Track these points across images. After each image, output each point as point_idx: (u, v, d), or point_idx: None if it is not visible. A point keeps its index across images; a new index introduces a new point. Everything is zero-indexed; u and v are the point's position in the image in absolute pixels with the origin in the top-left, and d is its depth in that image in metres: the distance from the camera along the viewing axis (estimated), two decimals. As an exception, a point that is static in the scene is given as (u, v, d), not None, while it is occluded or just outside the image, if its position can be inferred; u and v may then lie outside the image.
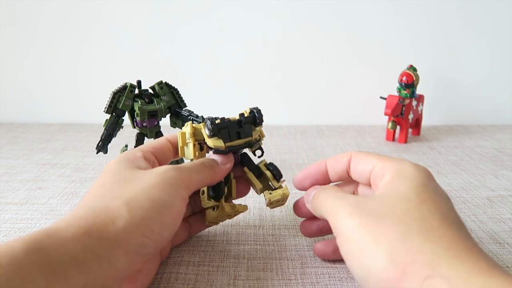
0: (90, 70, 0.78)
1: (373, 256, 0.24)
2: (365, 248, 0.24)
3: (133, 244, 0.25)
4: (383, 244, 0.23)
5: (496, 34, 0.76)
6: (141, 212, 0.26)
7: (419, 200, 0.25)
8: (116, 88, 0.45)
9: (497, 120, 0.81)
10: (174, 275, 0.33)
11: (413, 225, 0.24)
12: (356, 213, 0.26)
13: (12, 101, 0.81)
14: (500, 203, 0.46)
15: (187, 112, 0.46)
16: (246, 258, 0.35)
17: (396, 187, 0.27)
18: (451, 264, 0.22)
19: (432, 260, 0.22)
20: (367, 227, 0.25)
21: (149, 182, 0.28)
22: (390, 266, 0.23)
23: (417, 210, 0.25)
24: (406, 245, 0.23)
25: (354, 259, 0.25)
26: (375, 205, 0.26)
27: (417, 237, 0.23)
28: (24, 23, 0.76)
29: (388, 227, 0.24)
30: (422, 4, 0.74)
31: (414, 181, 0.27)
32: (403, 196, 0.26)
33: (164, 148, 0.35)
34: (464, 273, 0.21)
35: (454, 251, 0.22)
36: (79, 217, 0.25)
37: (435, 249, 0.23)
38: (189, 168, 0.31)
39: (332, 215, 0.27)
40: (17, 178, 0.53)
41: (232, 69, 0.78)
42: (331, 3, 0.74)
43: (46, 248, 0.22)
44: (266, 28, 0.76)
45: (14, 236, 0.39)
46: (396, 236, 0.24)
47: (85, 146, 0.66)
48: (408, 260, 0.22)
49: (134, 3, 0.74)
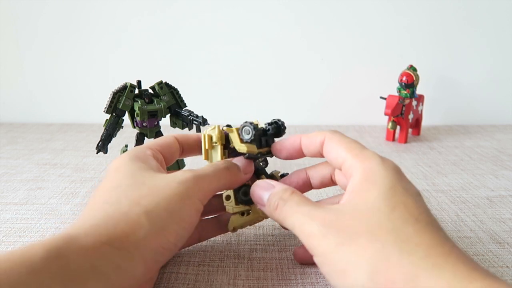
0: (90, 70, 0.78)
1: (355, 279, 0.23)
2: (346, 270, 0.24)
3: (151, 254, 0.25)
4: (363, 264, 0.23)
5: (496, 34, 0.76)
6: (160, 222, 0.26)
7: (389, 208, 0.25)
8: (116, 88, 0.45)
9: (497, 120, 0.81)
10: (174, 275, 0.33)
11: (388, 239, 0.24)
12: (330, 233, 0.25)
13: (12, 101, 0.81)
14: (500, 203, 0.46)
15: (187, 112, 0.46)
16: (246, 258, 0.35)
17: (364, 196, 0.26)
18: (431, 274, 0.22)
19: (411, 274, 0.22)
20: (343, 247, 0.24)
21: (169, 191, 0.27)
22: (373, 287, 0.23)
23: (390, 221, 0.24)
24: (384, 263, 0.23)
25: (336, 279, 0.25)
26: (347, 221, 0.25)
27: (394, 252, 0.23)
28: (24, 23, 0.76)
29: (364, 246, 0.24)
30: (422, 4, 0.74)
31: (382, 186, 0.26)
32: (372, 207, 0.25)
33: (171, 147, 0.34)
34: (444, 282, 0.21)
35: (433, 259, 0.22)
36: (98, 224, 0.25)
37: (413, 261, 0.22)
38: (210, 175, 0.30)
39: (305, 234, 0.26)
40: (17, 178, 0.53)
41: (232, 69, 0.78)
42: (331, 3, 0.74)
43: (66, 256, 0.22)
44: (266, 28, 0.76)
45: (14, 236, 0.39)
46: (373, 254, 0.23)
47: (85, 146, 0.66)
48: (389, 278, 0.22)
49: (134, 3, 0.74)
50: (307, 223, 0.26)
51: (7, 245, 0.37)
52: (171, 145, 0.34)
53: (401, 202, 0.25)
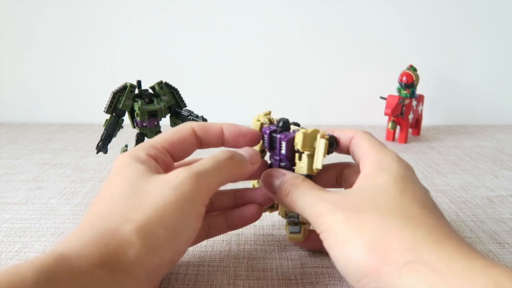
0: (90, 70, 0.78)
1: (354, 247, 0.24)
2: (347, 241, 0.24)
3: (145, 273, 0.24)
4: (365, 235, 0.24)
5: (496, 34, 0.76)
6: (153, 240, 0.24)
7: (399, 191, 0.26)
8: (116, 88, 0.45)
9: (497, 120, 0.81)
10: (174, 276, 0.33)
11: (393, 215, 0.24)
12: (338, 209, 0.26)
13: (12, 101, 0.81)
14: (500, 203, 0.46)
15: (187, 112, 0.46)
16: (246, 258, 0.35)
17: (374, 181, 0.27)
18: (432, 248, 0.22)
19: (412, 246, 0.22)
20: (349, 221, 0.25)
21: (162, 202, 0.25)
22: (370, 254, 0.23)
23: (397, 201, 0.25)
24: (386, 234, 0.23)
25: (336, 251, 0.25)
26: (355, 200, 0.26)
27: (397, 225, 0.24)
28: (24, 23, 0.76)
29: (369, 220, 0.24)
30: (422, 4, 0.74)
31: (393, 173, 0.27)
32: (382, 190, 0.26)
33: (185, 143, 0.30)
34: (445, 256, 0.22)
35: (435, 236, 0.23)
36: (91, 242, 0.23)
37: (415, 235, 0.23)
38: (210, 170, 0.27)
39: (314, 214, 0.27)
40: (17, 178, 0.53)
41: (232, 69, 0.78)
42: (331, 3, 0.74)
43: (58, 280, 0.21)
44: (266, 28, 0.76)
45: (14, 236, 0.39)
46: (377, 227, 0.24)
47: (85, 146, 0.66)
48: (388, 247, 0.23)
49: (134, 3, 0.74)
50: (317, 204, 0.27)
51: (7, 245, 0.37)
52: (185, 140, 0.30)
53: (410, 188, 0.26)
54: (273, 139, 0.32)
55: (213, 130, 0.31)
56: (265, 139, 0.32)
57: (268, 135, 0.32)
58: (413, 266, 0.22)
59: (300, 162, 0.31)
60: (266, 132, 0.32)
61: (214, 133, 0.31)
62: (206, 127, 0.31)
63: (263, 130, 0.32)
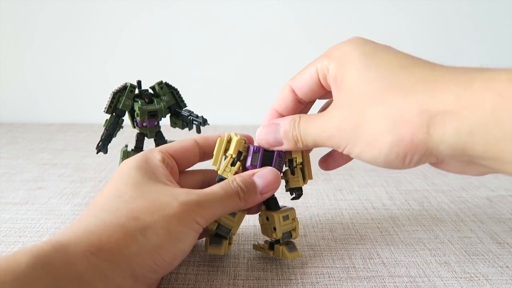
0: (90, 70, 0.78)
1: (382, 139, 0.25)
2: (372, 140, 0.25)
3: (143, 270, 0.25)
4: (382, 127, 0.25)
5: (496, 34, 0.76)
6: (156, 240, 0.25)
7: (373, 70, 0.26)
8: (116, 88, 0.45)
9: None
10: (174, 275, 0.33)
11: (387, 96, 0.25)
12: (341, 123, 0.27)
13: (12, 101, 0.81)
14: (500, 203, 0.46)
15: (187, 112, 0.46)
16: (246, 258, 0.35)
17: (347, 78, 0.27)
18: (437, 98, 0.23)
19: (421, 106, 0.24)
20: (360, 127, 0.26)
21: (169, 210, 0.26)
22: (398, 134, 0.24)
23: (379, 80, 0.26)
24: (396, 115, 0.24)
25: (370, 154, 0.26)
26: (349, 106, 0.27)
27: (398, 102, 0.24)
28: (24, 23, 0.76)
29: (374, 113, 0.25)
30: (423, 4, 0.74)
31: (356, 59, 0.27)
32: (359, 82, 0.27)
33: (188, 151, 0.33)
34: (451, 96, 0.23)
35: (431, 88, 0.24)
36: (92, 231, 0.24)
37: (417, 99, 0.24)
38: (216, 202, 0.28)
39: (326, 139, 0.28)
40: (17, 178, 0.53)
41: (232, 69, 0.78)
42: (331, 3, 0.74)
43: (53, 264, 0.22)
44: (267, 28, 0.76)
45: (14, 236, 0.39)
46: (384, 114, 0.25)
47: (85, 146, 0.66)
48: (406, 118, 0.24)
49: (134, 3, 0.74)
50: (322, 132, 0.28)
51: (7, 245, 0.37)
52: (188, 149, 0.33)
53: (379, 59, 0.27)
54: (268, 155, 0.32)
55: (213, 139, 0.33)
56: (257, 157, 0.31)
57: (262, 152, 0.31)
58: (435, 121, 0.23)
59: (294, 177, 0.33)
60: (259, 150, 0.31)
61: (214, 144, 0.32)
62: (207, 137, 0.34)
63: (254, 147, 0.31)
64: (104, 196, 0.28)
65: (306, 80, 0.31)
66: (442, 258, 0.35)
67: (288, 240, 0.33)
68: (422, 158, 0.25)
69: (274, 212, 0.32)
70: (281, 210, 0.33)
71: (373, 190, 0.49)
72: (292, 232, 0.33)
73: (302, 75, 0.32)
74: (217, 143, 0.32)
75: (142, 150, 0.47)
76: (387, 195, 0.48)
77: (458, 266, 0.34)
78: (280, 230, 0.32)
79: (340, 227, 0.40)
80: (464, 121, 0.22)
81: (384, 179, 0.53)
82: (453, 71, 0.24)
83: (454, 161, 0.25)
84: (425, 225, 0.41)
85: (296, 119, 0.30)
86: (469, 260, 0.35)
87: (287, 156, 0.32)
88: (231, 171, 0.31)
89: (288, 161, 0.33)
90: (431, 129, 0.23)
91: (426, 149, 0.24)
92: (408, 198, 0.47)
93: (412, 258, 0.35)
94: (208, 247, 0.32)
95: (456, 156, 0.24)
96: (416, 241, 0.38)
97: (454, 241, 0.38)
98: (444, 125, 0.23)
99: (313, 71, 0.30)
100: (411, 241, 0.38)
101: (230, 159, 0.31)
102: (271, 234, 0.33)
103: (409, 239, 0.38)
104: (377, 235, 0.39)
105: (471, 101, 0.22)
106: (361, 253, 0.36)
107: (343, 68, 0.28)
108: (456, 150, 0.23)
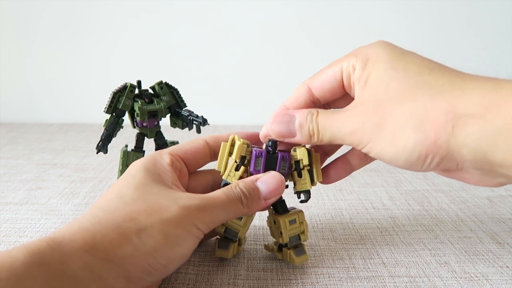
0: (91, 70, 0.78)
1: (405, 139, 0.25)
2: (394, 138, 0.25)
3: (136, 271, 0.25)
4: (405, 125, 0.25)
5: (496, 34, 0.76)
6: (152, 243, 0.25)
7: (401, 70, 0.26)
8: (116, 88, 0.45)
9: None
10: (174, 275, 0.33)
11: (415, 94, 0.25)
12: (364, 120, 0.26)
13: (12, 101, 0.81)
14: (500, 203, 0.46)
15: (187, 112, 0.46)
16: (246, 258, 0.35)
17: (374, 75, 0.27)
18: (464, 99, 0.23)
19: (447, 107, 0.23)
20: (383, 125, 0.25)
21: (168, 214, 0.26)
22: (423, 134, 0.24)
23: (407, 79, 0.25)
24: (423, 113, 0.24)
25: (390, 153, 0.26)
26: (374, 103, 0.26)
27: (425, 100, 0.24)
28: (25, 23, 0.76)
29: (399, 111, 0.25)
30: (423, 4, 0.74)
31: (384, 58, 0.27)
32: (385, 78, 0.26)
33: (198, 152, 0.32)
34: (477, 98, 0.23)
35: (460, 86, 0.24)
36: (87, 229, 0.24)
37: (444, 97, 0.24)
38: (218, 207, 0.28)
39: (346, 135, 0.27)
40: (17, 178, 0.53)
41: (232, 69, 0.78)
42: (331, 3, 0.74)
43: (48, 262, 0.22)
44: (267, 28, 0.76)
45: (14, 236, 0.39)
46: (410, 112, 0.25)
47: (85, 146, 0.66)
48: (432, 119, 0.24)
49: (134, 4, 0.74)
50: (343, 126, 0.27)
51: (7, 245, 0.37)
52: (199, 150, 0.32)
53: (408, 61, 0.27)
54: (272, 160, 0.31)
55: (224, 139, 0.32)
56: (260, 161, 0.31)
57: (264, 156, 0.31)
58: (459, 123, 0.23)
59: (301, 179, 0.32)
60: (262, 154, 0.31)
61: (226, 141, 0.32)
62: (217, 137, 0.33)
63: (256, 151, 0.31)
64: (106, 196, 0.28)
65: (328, 78, 0.30)
66: (442, 258, 0.35)
67: (297, 243, 0.33)
68: (443, 160, 0.24)
69: (280, 217, 0.32)
70: (289, 213, 0.32)
71: (373, 190, 0.49)
72: (300, 236, 0.33)
73: (325, 73, 0.31)
74: (221, 147, 0.31)
75: (142, 150, 0.47)
76: (387, 195, 0.48)
77: (458, 266, 0.34)
78: (287, 234, 0.32)
79: (340, 227, 0.40)
80: (488, 124, 0.22)
81: (384, 179, 0.53)
82: (481, 77, 0.24)
83: (473, 169, 0.25)
84: (425, 225, 0.41)
85: (313, 112, 0.29)
86: (469, 260, 0.35)
87: (293, 159, 0.32)
88: (235, 176, 0.31)
89: (295, 163, 0.32)
90: (455, 130, 0.23)
91: (448, 151, 0.24)
92: (408, 198, 0.47)
93: (412, 258, 0.35)
94: (216, 250, 0.33)
95: (476, 162, 0.23)
96: (416, 241, 0.38)
97: (454, 241, 0.38)
98: (467, 127, 0.23)
99: (338, 69, 0.30)
100: (411, 241, 0.38)
101: (234, 164, 0.31)
102: (278, 238, 0.32)
103: (409, 239, 0.38)
104: (377, 235, 0.39)
105: (496, 105, 0.22)
106: (361, 253, 0.36)
107: (370, 67, 0.27)
108: (477, 155, 0.23)
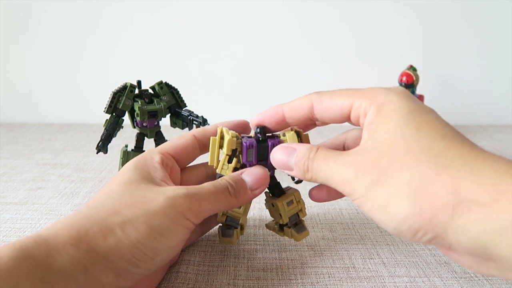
0: (91, 70, 0.78)
1: (398, 206, 0.23)
2: (387, 203, 0.23)
3: (122, 263, 0.25)
4: (403, 192, 0.23)
5: (496, 34, 0.76)
6: (135, 234, 0.25)
7: (413, 129, 0.24)
8: (116, 88, 0.45)
9: (497, 120, 0.81)
10: (174, 275, 0.33)
11: (420, 161, 0.23)
12: (361, 172, 0.25)
13: (12, 101, 0.81)
14: (500, 203, 0.46)
15: (187, 112, 0.46)
16: (246, 258, 0.35)
17: (384, 126, 0.25)
18: (471, 181, 0.21)
19: (452, 187, 0.22)
20: (379, 183, 0.24)
21: (153, 205, 0.26)
22: (418, 207, 0.22)
23: (416, 142, 0.24)
24: (424, 185, 0.22)
25: (380, 215, 0.24)
26: (374, 157, 0.25)
27: (430, 171, 0.23)
28: (25, 23, 0.76)
29: (398, 175, 0.23)
30: (423, 4, 0.74)
31: (399, 111, 0.25)
32: (395, 134, 0.25)
33: (187, 147, 0.33)
34: (485, 184, 0.21)
35: (470, 165, 0.22)
36: (71, 225, 0.25)
37: (451, 175, 0.22)
38: (206, 196, 0.28)
39: (340, 182, 0.26)
40: (17, 178, 0.53)
41: (232, 69, 0.78)
42: (331, 3, 0.74)
43: (35, 256, 0.22)
44: (267, 28, 0.76)
45: (14, 236, 0.39)
46: (410, 180, 0.23)
47: (85, 146, 0.66)
48: (433, 198, 0.22)
49: (134, 3, 0.74)
50: (337, 173, 0.26)
51: (7, 245, 0.37)
52: (188, 145, 0.33)
53: (423, 121, 0.25)
54: (263, 149, 0.31)
55: (211, 132, 0.34)
56: (251, 152, 0.31)
57: (255, 146, 0.31)
58: (460, 207, 0.21)
59: None
60: (253, 145, 0.31)
61: (213, 134, 0.33)
62: (205, 130, 0.34)
63: (246, 143, 0.31)
64: (98, 194, 0.29)
65: (336, 107, 0.29)
66: (442, 258, 0.35)
67: (297, 221, 0.34)
68: (435, 239, 0.23)
69: (278, 200, 0.33)
70: (285, 195, 0.33)
71: (373, 190, 0.49)
72: (299, 214, 0.34)
73: (333, 101, 0.29)
74: (211, 143, 0.32)
75: (142, 150, 0.47)
76: (387, 195, 0.48)
77: (458, 266, 0.34)
78: (286, 215, 0.33)
79: (340, 227, 0.40)
80: (494, 216, 0.20)
81: (384, 179, 0.53)
82: (495, 157, 0.22)
83: (467, 255, 0.23)
84: (425, 225, 0.41)
85: (313, 149, 0.28)
86: (469, 260, 0.35)
87: None
88: (229, 168, 0.32)
89: None
90: (455, 214, 0.21)
91: (443, 232, 0.22)
92: (408, 198, 0.47)
93: (412, 258, 0.35)
94: (220, 238, 0.33)
95: (473, 250, 0.22)
96: (416, 241, 0.38)
97: (454, 241, 0.38)
98: (470, 214, 0.21)
99: (347, 104, 0.28)
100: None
101: (226, 157, 0.31)
102: (278, 219, 0.33)
103: (409, 239, 0.38)
104: (377, 235, 0.39)
105: (506, 196, 0.20)
106: (361, 253, 0.36)
107: (383, 116, 0.26)
108: (476, 244, 0.21)
